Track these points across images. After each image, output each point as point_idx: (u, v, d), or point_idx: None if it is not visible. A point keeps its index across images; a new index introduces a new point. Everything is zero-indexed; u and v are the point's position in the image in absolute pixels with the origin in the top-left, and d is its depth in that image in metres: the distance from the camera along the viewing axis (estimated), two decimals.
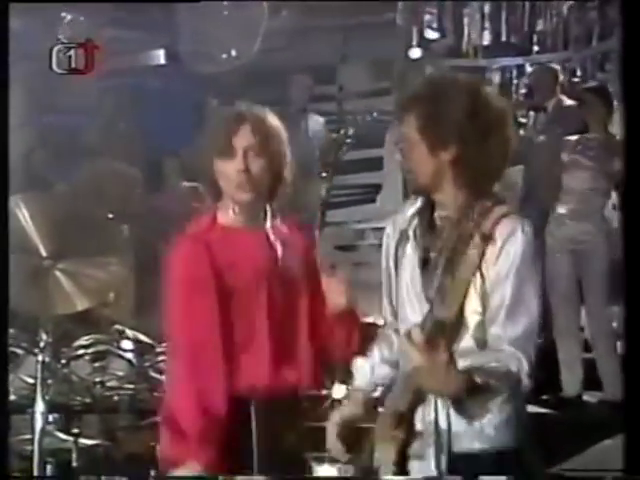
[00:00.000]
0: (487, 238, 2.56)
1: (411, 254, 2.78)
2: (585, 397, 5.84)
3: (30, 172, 6.98)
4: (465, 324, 2.63)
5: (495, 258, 2.61)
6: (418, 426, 2.70)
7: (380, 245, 2.95)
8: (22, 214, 3.88)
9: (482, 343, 2.63)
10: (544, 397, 5.79)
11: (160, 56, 9.52)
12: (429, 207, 2.78)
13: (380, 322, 2.99)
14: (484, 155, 2.67)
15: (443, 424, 2.67)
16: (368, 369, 2.91)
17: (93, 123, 8.30)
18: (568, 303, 5.96)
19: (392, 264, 2.86)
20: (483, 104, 2.68)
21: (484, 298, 2.61)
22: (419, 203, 2.82)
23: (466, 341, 2.62)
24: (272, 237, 3.12)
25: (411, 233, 2.79)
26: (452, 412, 2.66)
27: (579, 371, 5.82)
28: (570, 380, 5.79)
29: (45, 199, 4.02)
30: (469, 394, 2.52)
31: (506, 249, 2.61)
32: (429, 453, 2.68)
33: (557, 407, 5.71)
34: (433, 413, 2.68)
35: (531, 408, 5.63)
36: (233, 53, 8.27)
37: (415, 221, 2.80)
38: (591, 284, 5.86)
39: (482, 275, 2.59)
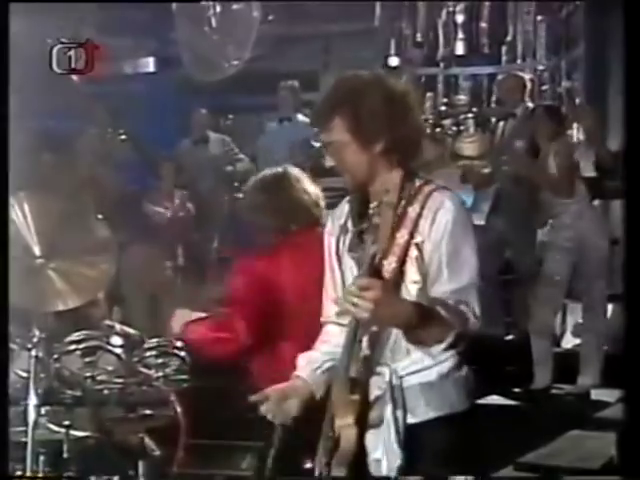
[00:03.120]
0: (419, 214, 2.62)
1: (350, 244, 2.81)
2: (553, 390, 5.84)
3: (24, 173, 6.91)
4: (408, 293, 2.64)
5: (428, 230, 2.66)
6: (375, 392, 2.70)
7: None
8: (16, 214, 3.84)
9: None
10: (515, 390, 5.78)
11: (150, 63, 9.48)
12: (359, 197, 2.81)
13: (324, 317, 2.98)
14: (405, 137, 2.73)
15: (398, 393, 2.69)
16: (308, 361, 2.91)
17: (86, 128, 8.23)
18: (551, 302, 5.93)
19: (335, 259, 2.88)
20: (393, 92, 2.74)
21: (421, 267, 2.64)
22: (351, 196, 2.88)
23: None
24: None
25: (349, 225, 2.83)
26: (406, 380, 2.68)
27: (550, 365, 5.80)
28: (542, 374, 5.77)
29: (38, 199, 3.96)
30: (421, 322, 2.52)
31: (437, 220, 2.66)
32: (386, 421, 2.68)
33: (527, 399, 5.69)
34: (387, 381, 2.69)
35: (502, 400, 5.66)
36: (233, 59, 8.22)
37: (350, 212, 2.85)
38: (592, 277, 5.80)
39: (418, 247, 2.63)
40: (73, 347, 4.02)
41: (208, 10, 8.10)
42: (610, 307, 6.33)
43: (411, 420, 2.70)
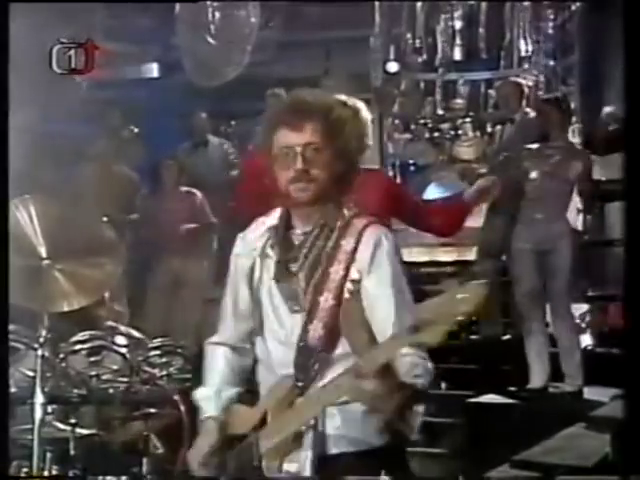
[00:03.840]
0: (354, 248, 2.52)
1: (270, 269, 2.68)
2: (550, 389, 5.83)
3: (32, 176, 6.93)
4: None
5: (368, 266, 2.55)
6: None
7: None
8: (23, 216, 3.85)
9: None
10: (512, 389, 5.78)
11: (154, 69, 9.49)
12: (284, 223, 2.69)
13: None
14: (347, 165, 2.64)
15: (320, 426, 2.57)
16: (213, 396, 2.78)
17: (91, 130, 8.25)
18: (535, 301, 5.92)
19: (245, 282, 2.75)
20: (359, 120, 2.67)
21: (359, 304, 2.49)
22: (272, 220, 2.74)
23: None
24: None
25: (269, 250, 2.70)
26: (329, 412, 2.56)
27: (546, 365, 5.78)
28: (538, 373, 5.76)
29: (44, 202, 3.97)
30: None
31: (377, 257, 2.55)
32: (305, 455, 2.54)
33: (523, 398, 5.69)
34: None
35: (499, 399, 5.66)
36: (232, 64, 8.23)
37: (270, 238, 2.71)
38: (556, 283, 5.83)
39: (356, 283, 2.53)
40: (79, 347, 4.04)
41: (207, 16, 8.12)
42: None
43: (331, 451, 2.60)
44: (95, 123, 8.12)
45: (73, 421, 3.84)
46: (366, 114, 2.72)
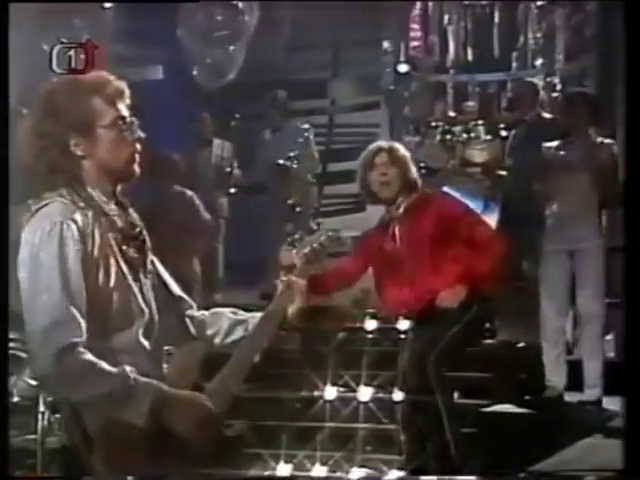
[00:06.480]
0: None
1: None
2: (566, 398, 5.77)
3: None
4: None
5: None
6: None
7: None
8: None
9: None
10: (527, 398, 5.73)
11: (158, 71, 9.50)
12: None
13: None
14: None
15: None
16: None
17: None
18: (558, 307, 5.81)
19: None
20: None
21: None
22: None
23: None
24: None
25: None
26: None
27: (563, 373, 5.70)
28: (554, 381, 5.69)
29: None
30: None
31: None
32: None
33: (539, 407, 5.63)
34: None
35: (515, 409, 5.62)
36: (232, 64, 8.24)
37: None
38: (586, 286, 5.70)
39: None
40: None
41: (204, 17, 8.16)
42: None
43: None
44: None
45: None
46: None
